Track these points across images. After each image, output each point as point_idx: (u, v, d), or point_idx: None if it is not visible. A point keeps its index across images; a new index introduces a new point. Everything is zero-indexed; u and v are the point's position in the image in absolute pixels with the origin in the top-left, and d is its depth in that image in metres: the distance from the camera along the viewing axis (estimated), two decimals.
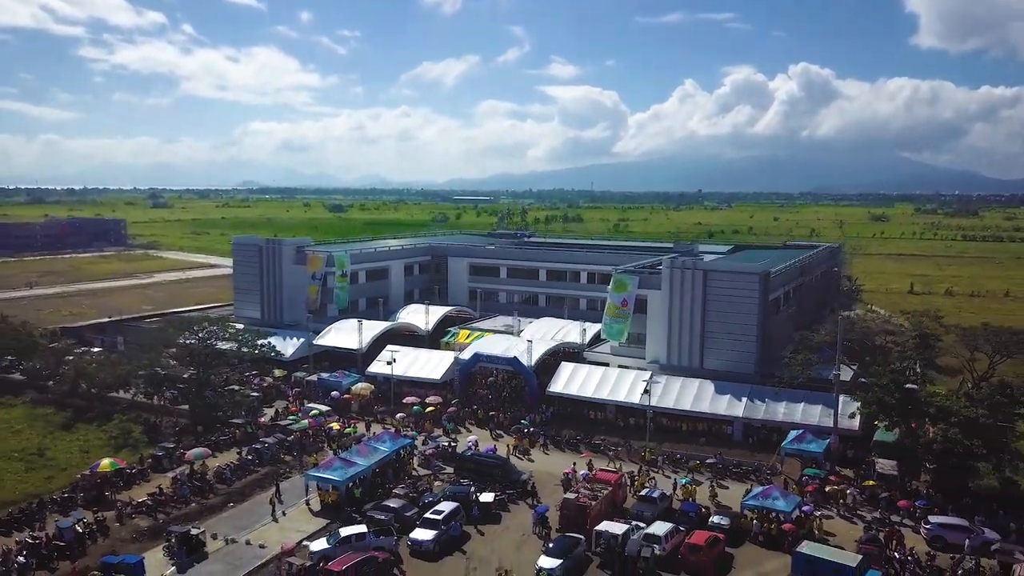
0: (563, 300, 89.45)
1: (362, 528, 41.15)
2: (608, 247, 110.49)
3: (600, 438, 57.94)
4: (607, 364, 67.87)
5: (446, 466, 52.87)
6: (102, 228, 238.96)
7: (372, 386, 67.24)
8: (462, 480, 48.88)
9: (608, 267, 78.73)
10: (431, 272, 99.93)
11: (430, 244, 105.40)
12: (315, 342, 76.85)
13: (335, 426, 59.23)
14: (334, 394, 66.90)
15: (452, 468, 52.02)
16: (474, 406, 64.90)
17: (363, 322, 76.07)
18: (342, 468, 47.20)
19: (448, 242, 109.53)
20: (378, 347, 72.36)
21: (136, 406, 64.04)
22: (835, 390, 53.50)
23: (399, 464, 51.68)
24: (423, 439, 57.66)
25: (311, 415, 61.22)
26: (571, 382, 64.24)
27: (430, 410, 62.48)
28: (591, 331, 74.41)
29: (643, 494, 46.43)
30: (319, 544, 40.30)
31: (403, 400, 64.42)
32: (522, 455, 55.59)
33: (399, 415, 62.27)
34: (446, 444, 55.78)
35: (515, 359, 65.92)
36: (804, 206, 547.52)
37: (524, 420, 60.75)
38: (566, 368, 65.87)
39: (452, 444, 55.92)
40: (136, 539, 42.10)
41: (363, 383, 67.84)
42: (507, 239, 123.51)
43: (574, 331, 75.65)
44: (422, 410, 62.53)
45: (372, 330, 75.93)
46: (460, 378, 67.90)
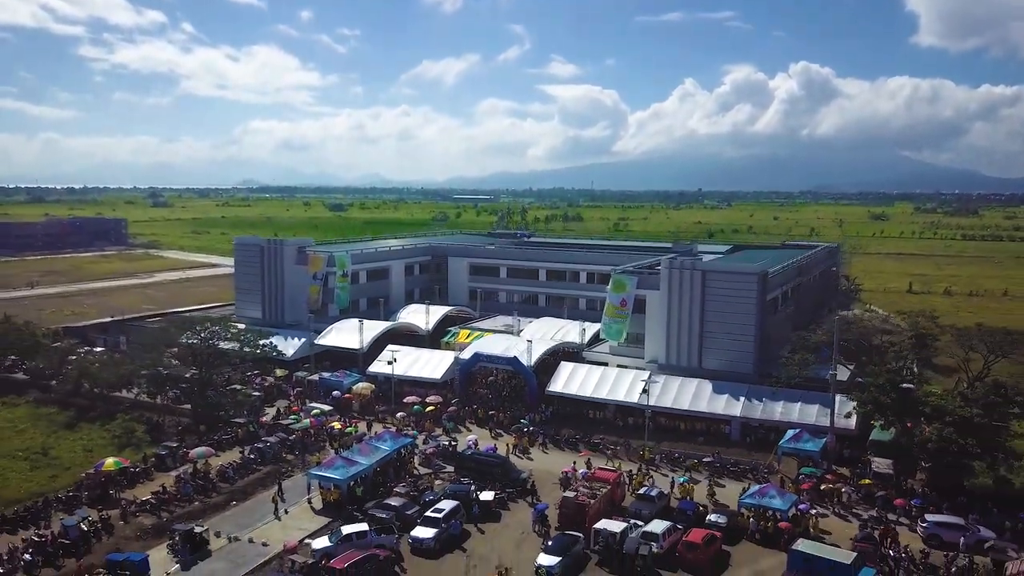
0: (563, 300, 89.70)
1: (363, 526, 41.53)
2: (607, 247, 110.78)
3: (599, 437, 58.32)
4: (606, 364, 68.23)
5: (446, 465, 53.29)
6: (103, 228, 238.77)
7: (373, 386, 67.61)
8: (462, 479, 49.29)
9: (607, 267, 79.00)
10: (431, 272, 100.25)
11: (430, 244, 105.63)
12: (316, 342, 77.19)
13: (336, 425, 59.61)
14: (335, 393, 67.24)
15: (452, 467, 52.43)
16: (474, 405, 65.31)
17: (364, 322, 76.41)
18: (344, 467, 47.63)
19: (448, 242, 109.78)
20: (379, 347, 72.73)
21: (139, 405, 64.44)
22: (832, 390, 53.99)
23: (400, 463, 52.10)
24: (424, 438, 58.11)
25: (313, 414, 61.61)
26: (570, 382, 64.65)
27: (430, 409, 62.88)
28: (590, 331, 74.77)
29: (641, 492, 46.90)
30: (321, 542, 40.68)
31: (404, 399, 64.77)
32: (522, 454, 56.05)
33: (400, 414, 62.63)
34: (446, 443, 56.16)
35: (515, 359, 66.33)
36: (804, 205, 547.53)
37: (524, 419, 61.14)
38: (565, 368, 66.27)
39: (452, 443, 56.30)
40: (140, 537, 42.48)
41: (364, 383, 68.21)
42: (507, 239, 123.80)
43: (573, 331, 76.04)
44: (422, 409, 62.93)
45: (373, 330, 76.31)
46: (460, 378, 68.31)
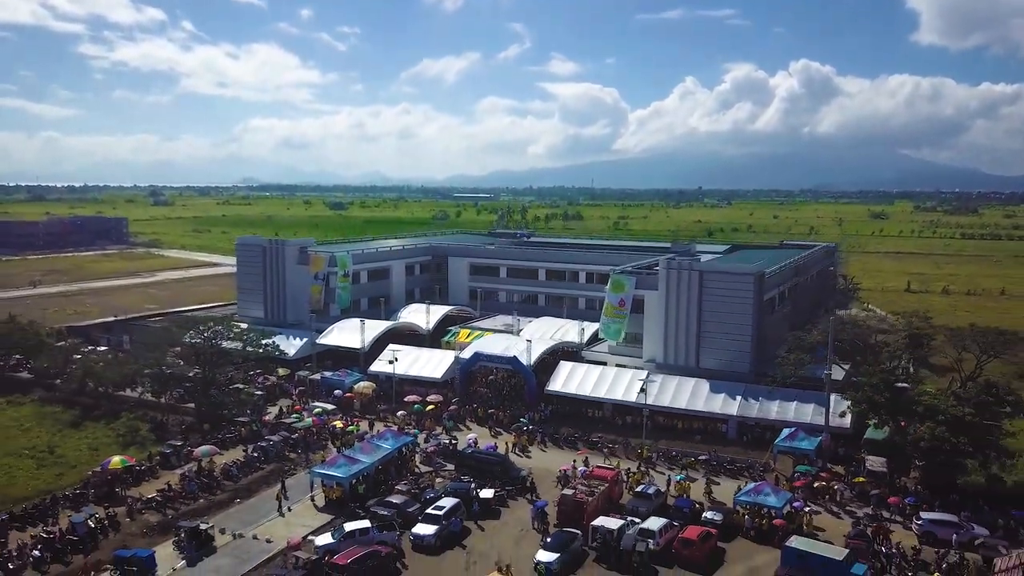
0: (562, 300, 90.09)
1: (366, 523, 42.23)
2: (607, 247, 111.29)
3: (597, 436, 58.93)
4: (605, 363, 68.78)
5: (447, 463, 53.95)
6: (104, 226, 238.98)
7: (374, 385, 68.22)
8: (463, 477, 49.96)
9: (606, 267, 79.52)
10: (432, 272, 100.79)
11: (431, 244, 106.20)
12: (318, 341, 77.76)
13: (338, 424, 60.25)
14: (337, 392, 67.85)
15: (453, 465, 53.08)
16: (474, 404, 65.94)
17: (365, 321, 76.98)
18: (346, 465, 48.33)
19: (448, 242, 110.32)
20: (380, 346, 73.33)
21: (143, 404, 64.98)
22: (827, 389, 54.72)
23: (401, 461, 52.75)
24: (424, 437, 58.78)
25: (315, 413, 62.28)
26: (569, 381, 65.24)
27: (431, 408, 63.50)
28: (589, 330, 75.33)
29: (639, 490, 47.48)
30: (324, 539, 41.35)
31: (405, 398, 65.37)
32: (521, 452, 56.73)
33: (401, 413, 63.27)
34: (447, 442, 56.80)
35: (514, 358, 66.91)
36: (804, 203, 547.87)
37: (523, 418, 61.81)
38: (565, 367, 66.86)
39: (453, 442, 56.94)
40: (146, 534, 43.21)
41: (365, 382, 68.79)
42: (507, 238, 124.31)
43: (573, 330, 76.62)
44: (423, 408, 63.54)
45: (374, 329, 76.86)
46: (460, 377, 68.91)
